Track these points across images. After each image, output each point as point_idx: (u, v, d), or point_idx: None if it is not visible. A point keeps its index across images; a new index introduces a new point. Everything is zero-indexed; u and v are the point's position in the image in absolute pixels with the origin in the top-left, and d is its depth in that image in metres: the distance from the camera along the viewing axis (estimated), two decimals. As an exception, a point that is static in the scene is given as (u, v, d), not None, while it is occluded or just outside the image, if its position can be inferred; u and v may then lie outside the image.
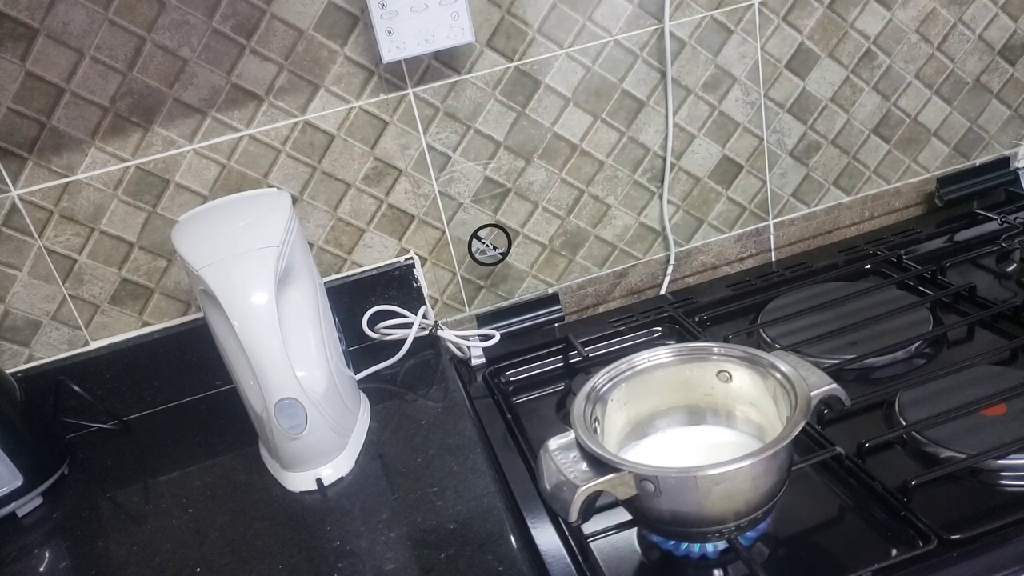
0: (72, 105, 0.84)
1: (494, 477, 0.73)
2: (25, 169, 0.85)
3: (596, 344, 0.96)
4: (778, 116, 1.05)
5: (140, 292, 0.93)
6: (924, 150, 1.13)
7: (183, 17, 0.83)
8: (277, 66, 0.87)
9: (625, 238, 1.06)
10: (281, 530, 0.72)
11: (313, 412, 0.73)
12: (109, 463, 0.88)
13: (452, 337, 0.97)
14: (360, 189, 0.95)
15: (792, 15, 1.00)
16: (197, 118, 0.87)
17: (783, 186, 1.09)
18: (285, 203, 0.78)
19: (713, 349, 0.73)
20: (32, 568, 0.74)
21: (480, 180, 0.98)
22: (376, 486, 0.75)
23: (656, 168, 1.03)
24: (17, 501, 0.79)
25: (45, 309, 0.91)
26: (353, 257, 0.98)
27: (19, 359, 0.93)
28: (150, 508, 0.79)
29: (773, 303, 0.97)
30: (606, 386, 0.71)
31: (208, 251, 0.72)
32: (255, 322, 0.69)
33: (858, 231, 1.16)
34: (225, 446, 0.86)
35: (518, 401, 0.90)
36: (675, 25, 0.96)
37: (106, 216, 0.89)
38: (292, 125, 0.90)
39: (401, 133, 0.93)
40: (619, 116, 0.99)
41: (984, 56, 1.09)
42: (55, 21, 0.80)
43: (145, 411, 0.96)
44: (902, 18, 1.04)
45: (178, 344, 0.94)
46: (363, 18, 0.87)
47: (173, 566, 0.70)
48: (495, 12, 0.91)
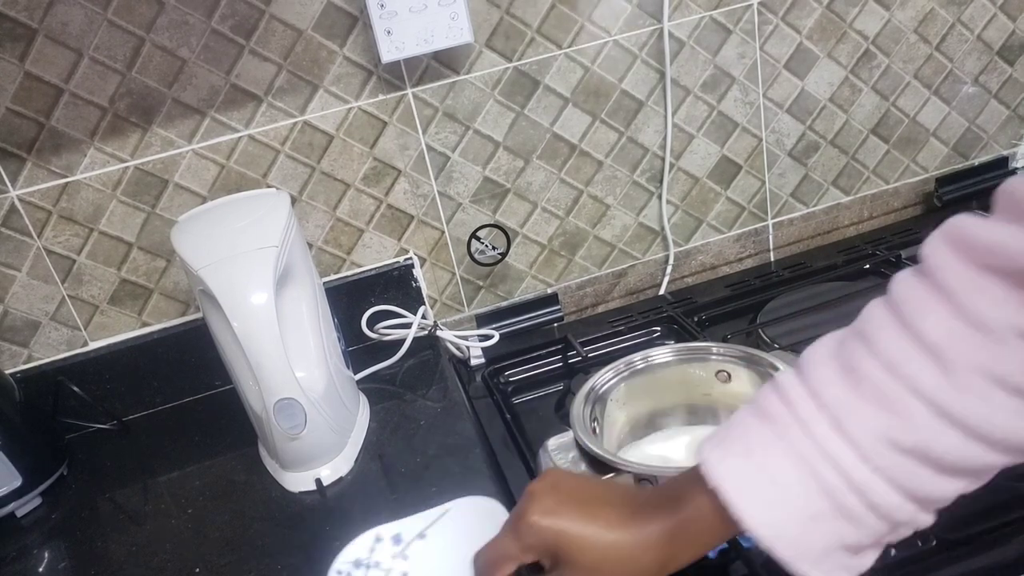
0: (71, 105, 0.84)
1: (493, 477, 0.73)
2: (24, 169, 0.85)
3: (595, 344, 0.96)
4: (777, 116, 1.05)
5: (139, 292, 0.93)
6: (923, 150, 1.13)
7: (182, 17, 0.83)
8: (276, 66, 0.87)
9: (624, 238, 1.06)
10: (280, 530, 0.72)
11: (312, 412, 0.73)
12: (108, 463, 0.88)
13: (451, 337, 0.97)
14: (359, 189, 0.95)
15: (791, 15, 1.00)
16: (196, 118, 0.87)
17: (782, 186, 1.10)
18: (284, 203, 0.78)
19: (712, 349, 0.73)
20: (31, 568, 0.74)
21: (479, 180, 0.98)
22: (375, 486, 0.75)
23: (655, 168, 1.03)
24: (16, 501, 0.79)
25: (44, 309, 0.91)
26: (352, 257, 0.98)
27: (18, 359, 0.93)
28: (149, 508, 0.79)
29: (772, 303, 0.97)
30: (605, 386, 0.71)
31: (207, 251, 0.72)
32: (254, 322, 0.69)
33: (857, 231, 1.16)
34: (224, 446, 0.86)
35: (517, 401, 0.90)
36: (674, 25, 0.96)
37: (105, 216, 0.89)
38: (291, 125, 0.90)
39: (400, 133, 0.93)
40: (618, 116, 0.99)
41: (983, 56, 1.09)
42: (54, 21, 0.80)
43: (144, 411, 0.96)
44: (901, 18, 1.04)
45: (177, 344, 0.94)
46: (362, 18, 0.87)
47: (173, 566, 0.70)
48: (494, 12, 0.91)
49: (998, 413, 0.40)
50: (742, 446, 0.44)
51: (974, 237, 0.42)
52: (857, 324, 0.45)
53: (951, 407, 0.40)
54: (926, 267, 0.43)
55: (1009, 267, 0.40)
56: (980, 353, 0.40)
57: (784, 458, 0.42)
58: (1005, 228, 0.40)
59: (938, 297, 0.42)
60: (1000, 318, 0.40)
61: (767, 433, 0.44)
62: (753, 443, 0.44)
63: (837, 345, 0.45)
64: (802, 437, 0.42)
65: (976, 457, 0.41)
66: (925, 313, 0.41)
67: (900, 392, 0.41)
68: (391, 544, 0.64)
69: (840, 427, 0.42)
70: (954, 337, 0.40)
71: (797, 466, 0.42)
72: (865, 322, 0.44)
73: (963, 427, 0.40)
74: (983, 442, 0.40)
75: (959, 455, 0.41)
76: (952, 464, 0.41)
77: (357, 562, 0.63)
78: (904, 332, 0.42)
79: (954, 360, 0.40)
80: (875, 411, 0.41)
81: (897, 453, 0.41)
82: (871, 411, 0.41)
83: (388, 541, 0.64)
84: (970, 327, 0.40)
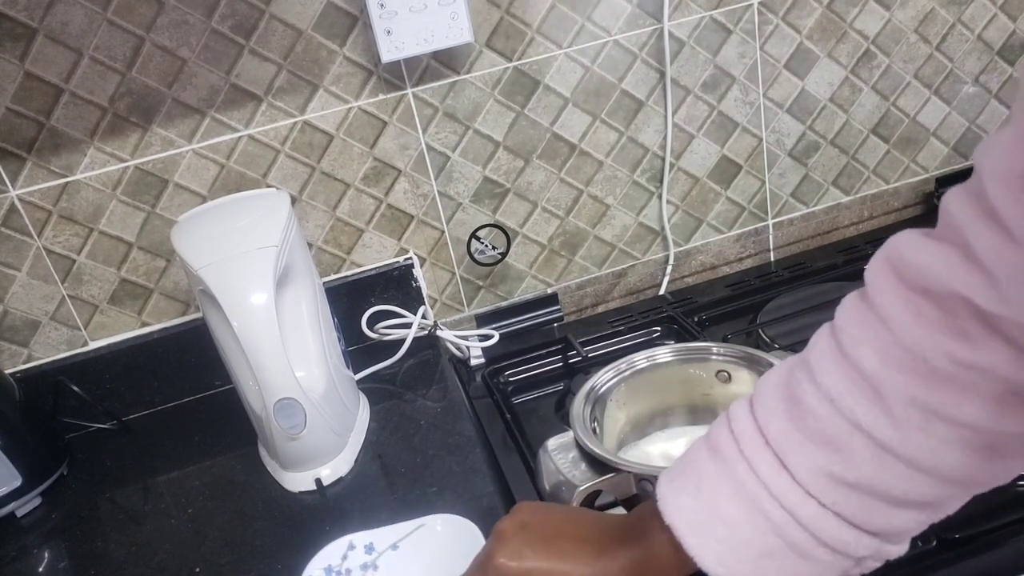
0: (71, 105, 0.84)
1: (493, 477, 0.73)
2: (24, 169, 0.85)
3: (595, 344, 0.96)
4: (777, 116, 1.05)
5: (139, 292, 0.93)
6: (923, 150, 1.13)
7: (182, 17, 0.83)
8: (276, 66, 0.87)
9: (624, 238, 1.06)
10: (280, 530, 0.72)
11: (312, 412, 0.73)
12: (108, 463, 0.88)
13: (451, 337, 0.97)
14: (359, 189, 0.94)
15: (791, 15, 1.00)
16: (196, 118, 0.87)
17: (782, 186, 1.10)
18: (284, 203, 0.78)
19: (712, 349, 0.73)
20: (31, 568, 0.74)
21: (479, 180, 0.98)
22: (375, 486, 0.75)
23: (655, 168, 1.03)
24: (16, 501, 0.79)
25: (44, 309, 0.91)
26: (352, 257, 0.98)
27: (18, 359, 0.93)
28: (149, 508, 0.79)
29: (772, 303, 0.97)
30: (605, 386, 0.71)
31: (207, 251, 0.72)
32: (254, 322, 0.69)
33: (857, 231, 1.16)
34: (224, 446, 0.86)
35: (517, 401, 0.90)
36: (674, 25, 0.96)
37: (105, 216, 0.89)
38: (291, 125, 0.90)
39: (400, 133, 0.93)
40: (618, 116, 0.99)
41: (983, 56, 1.09)
42: (54, 21, 0.80)
43: (144, 411, 0.96)
44: (901, 18, 1.04)
45: (177, 344, 0.94)
46: (362, 18, 0.87)
47: (172, 566, 0.70)
48: (494, 12, 0.91)
49: (941, 447, 0.39)
50: (693, 483, 0.44)
51: (907, 258, 0.40)
52: (806, 351, 0.44)
53: (890, 442, 0.39)
54: (867, 289, 0.42)
55: (938, 290, 0.38)
56: (915, 383, 0.38)
57: (732, 497, 0.42)
58: (935, 248, 0.39)
59: (875, 323, 0.40)
60: (933, 347, 0.38)
61: (716, 470, 0.43)
62: (703, 480, 0.44)
63: (788, 373, 0.44)
64: (748, 474, 0.42)
65: (926, 489, 0.40)
66: (861, 342, 0.40)
67: (840, 427, 0.40)
68: (363, 553, 0.64)
69: (784, 464, 0.41)
70: (889, 367, 0.39)
71: (745, 505, 0.42)
72: (810, 349, 0.44)
73: (906, 461, 0.39)
74: (930, 475, 0.39)
75: (907, 488, 0.40)
76: (902, 498, 0.40)
77: (328, 568, 0.63)
78: (842, 362, 0.41)
79: (890, 392, 0.39)
80: (817, 446, 0.40)
81: (843, 488, 0.40)
82: (813, 447, 0.40)
83: (361, 549, 0.65)
84: (904, 356, 0.39)
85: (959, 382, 0.38)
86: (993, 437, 0.39)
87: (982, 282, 0.36)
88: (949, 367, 0.38)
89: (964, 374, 0.38)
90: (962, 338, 0.38)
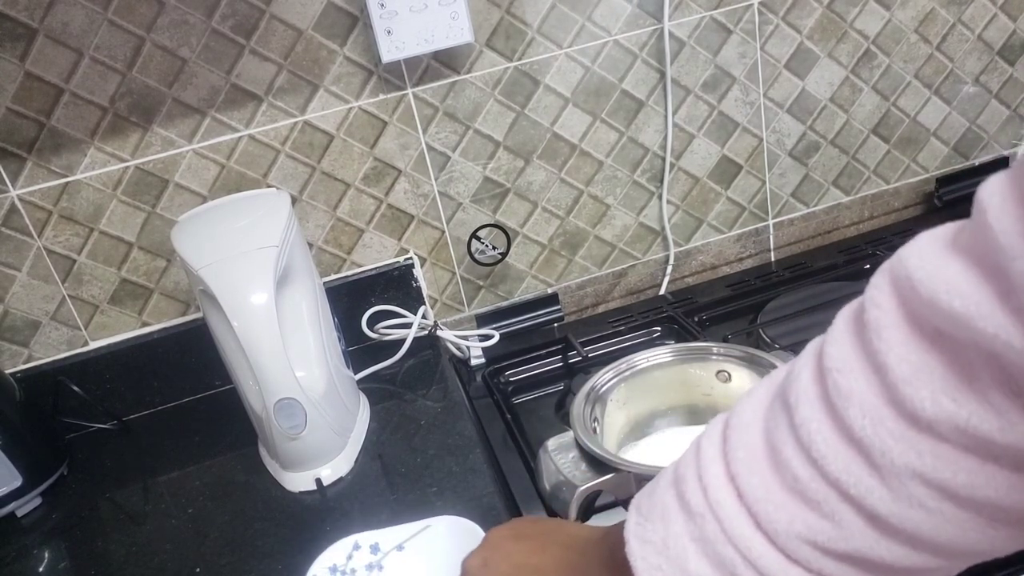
0: (71, 105, 0.84)
1: (493, 477, 0.73)
2: (24, 169, 0.85)
3: (595, 344, 0.96)
4: (777, 116, 1.05)
5: (139, 292, 0.93)
6: (923, 150, 1.13)
7: (182, 17, 0.83)
8: (276, 66, 0.87)
9: (624, 238, 1.06)
10: (280, 530, 0.72)
11: (312, 412, 0.73)
12: (108, 463, 0.88)
13: (451, 337, 0.97)
14: (359, 189, 0.94)
15: (791, 15, 1.00)
16: (196, 118, 0.87)
17: (782, 186, 1.10)
18: (284, 203, 0.78)
19: (712, 349, 0.73)
20: (31, 568, 0.74)
21: (479, 180, 0.98)
22: (375, 486, 0.75)
23: (655, 168, 1.03)
24: (16, 501, 0.79)
25: (44, 309, 0.91)
26: (352, 257, 0.98)
27: (18, 359, 0.93)
28: (149, 508, 0.79)
29: (772, 303, 0.97)
30: (605, 386, 0.71)
31: (207, 251, 0.72)
32: (254, 322, 0.69)
33: (857, 231, 1.16)
34: (224, 446, 0.86)
35: (517, 401, 0.90)
36: (674, 25, 0.96)
37: (105, 216, 0.89)
38: (291, 125, 0.90)
39: (400, 133, 0.93)
40: (618, 116, 0.99)
41: (983, 56, 1.09)
42: (54, 21, 0.80)
43: (144, 411, 0.96)
44: (901, 18, 1.04)
45: (177, 344, 0.94)
46: (362, 18, 0.87)
47: (173, 566, 0.70)
48: (494, 12, 0.91)
49: (948, 526, 0.32)
50: (660, 535, 0.38)
51: (919, 285, 0.30)
52: (784, 383, 0.37)
53: (887, 517, 0.32)
54: (866, 316, 0.33)
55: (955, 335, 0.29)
56: (916, 457, 0.31)
57: (702, 557, 0.37)
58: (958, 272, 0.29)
59: (868, 374, 0.32)
60: (938, 411, 0.30)
61: (683, 525, 0.38)
62: (670, 535, 0.38)
63: (768, 405, 0.38)
64: (719, 535, 0.36)
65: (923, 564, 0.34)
66: (851, 396, 0.32)
67: (826, 494, 0.33)
68: (368, 553, 0.64)
69: (761, 527, 0.35)
70: (884, 432, 0.31)
71: (716, 567, 0.36)
72: (790, 384, 0.36)
73: (904, 537, 0.33)
74: (935, 551, 0.33)
75: (905, 563, 0.34)
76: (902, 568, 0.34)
77: (333, 568, 0.63)
78: (828, 416, 0.33)
79: (887, 462, 0.31)
80: (800, 509, 0.34)
81: (831, 559, 0.34)
82: (795, 509, 0.34)
83: (366, 549, 0.64)
84: (903, 420, 0.31)
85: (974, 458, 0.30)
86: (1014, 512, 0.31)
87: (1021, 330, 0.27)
88: (962, 440, 0.30)
89: (981, 449, 0.30)
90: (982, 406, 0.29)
